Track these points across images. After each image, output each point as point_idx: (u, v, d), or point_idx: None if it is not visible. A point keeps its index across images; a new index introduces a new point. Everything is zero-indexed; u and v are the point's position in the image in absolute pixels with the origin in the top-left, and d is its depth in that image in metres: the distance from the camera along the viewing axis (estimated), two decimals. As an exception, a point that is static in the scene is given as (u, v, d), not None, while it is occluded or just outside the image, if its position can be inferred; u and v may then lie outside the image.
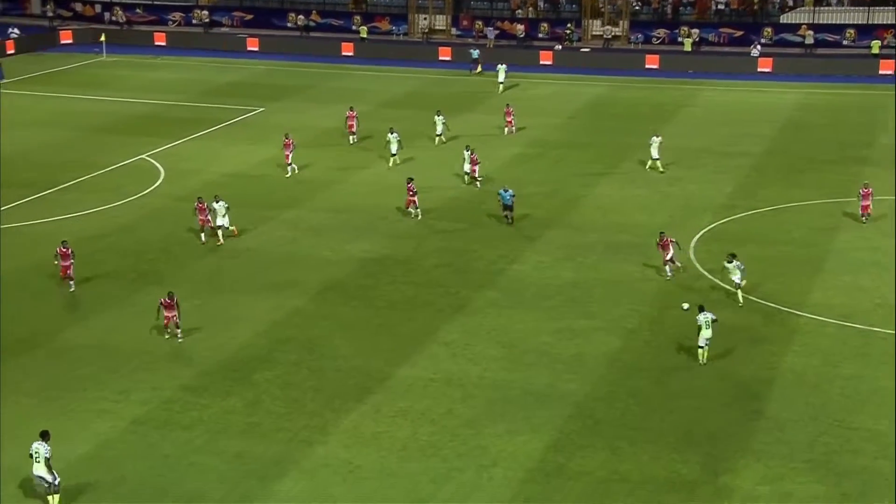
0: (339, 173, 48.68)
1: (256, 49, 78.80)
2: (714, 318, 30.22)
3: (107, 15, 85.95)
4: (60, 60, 73.72)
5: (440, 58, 76.11)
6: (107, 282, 35.70)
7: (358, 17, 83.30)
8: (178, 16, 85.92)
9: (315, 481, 24.92)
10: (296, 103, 63.10)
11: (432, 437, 26.84)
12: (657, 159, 48.23)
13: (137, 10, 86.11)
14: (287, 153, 47.91)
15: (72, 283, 35.05)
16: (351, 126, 53.01)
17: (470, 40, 79.54)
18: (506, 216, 41.59)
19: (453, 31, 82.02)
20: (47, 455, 23.63)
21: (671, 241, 36.25)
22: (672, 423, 27.33)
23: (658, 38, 78.43)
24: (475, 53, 72.27)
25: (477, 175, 46.19)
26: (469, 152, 46.50)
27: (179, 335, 31.55)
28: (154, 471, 25.08)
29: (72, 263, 34.95)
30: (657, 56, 73.77)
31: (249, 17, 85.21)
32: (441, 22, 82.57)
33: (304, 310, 34.31)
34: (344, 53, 77.63)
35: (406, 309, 34.47)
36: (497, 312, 34.07)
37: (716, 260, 36.57)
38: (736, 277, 33.95)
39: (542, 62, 74.16)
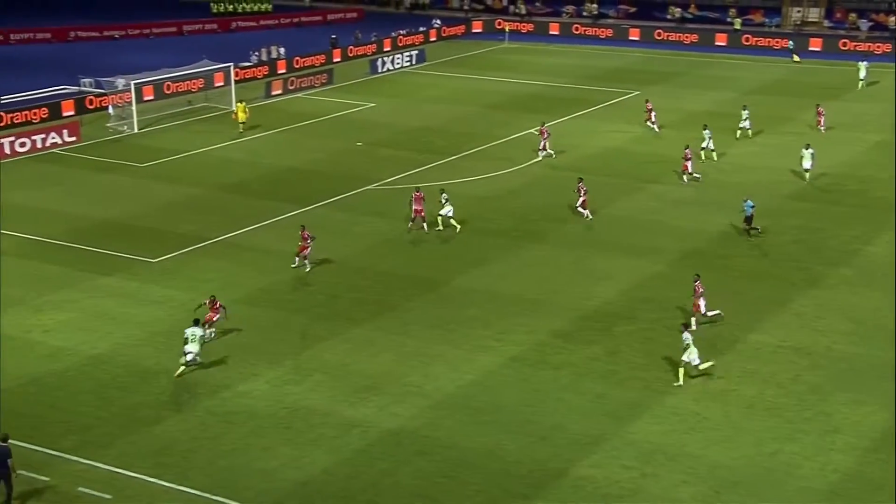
0: (704, 152, 47.24)
1: (637, 38, 77.83)
2: None
3: (511, 7, 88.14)
4: (471, 47, 76.54)
5: (810, 48, 71.66)
6: (495, 237, 36.80)
7: (733, 10, 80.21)
8: (570, 8, 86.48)
9: (665, 426, 24.46)
10: (668, 88, 61.79)
11: (778, 400, 25.52)
12: None
13: (537, 3, 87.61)
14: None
15: (306, 262, 33.16)
16: (649, 115, 50.92)
17: (842, 31, 74.31)
18: (748, 229, 36.16)
19: (826, 23, 76.92)
20: (202, 335, 26.65)
21: None
22: None
23: None
24: (791, 44, 69.95)
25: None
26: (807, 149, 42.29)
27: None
28: (525, 401, 25.63)
29: (309, 246, 33.00)
30: None
31: (633, 9, 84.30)
32: (815, 14, 77.82)
33: (664, 274, 33.69)
34: (717, 43, 74.94)
35: (759, 279, 32.94)
36: (849, 290, 31.78)
37: None
38: None
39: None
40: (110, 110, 53.33)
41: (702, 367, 26.43)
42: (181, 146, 48.39)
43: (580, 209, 38.31)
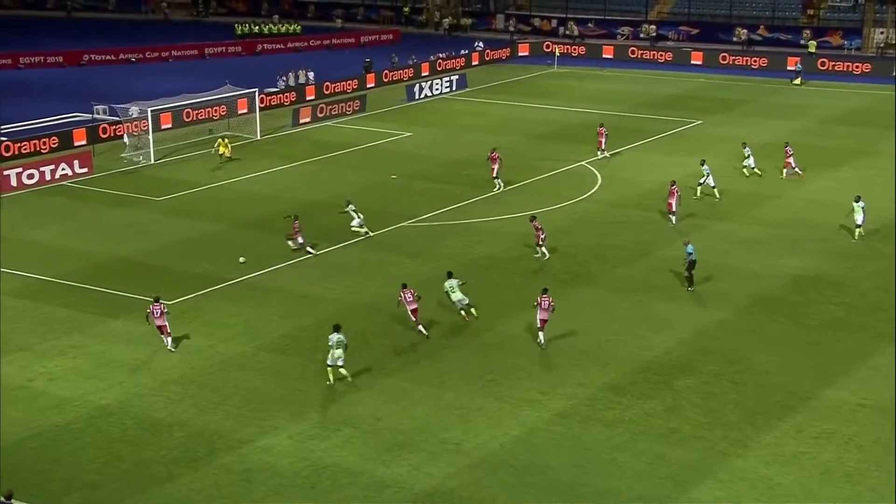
0: (775, 187, 47.00)
1: (700, 63, 77.86)
2: None
3: (561, 29, 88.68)
4: (516, 71, 76.99)
5: (894, 73, 71.24)
6: (541, 279, 36.72)
7: (807, 32, 80.00)
8: (626, 30, 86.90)
9: (731, 492, 24.13)
10: (734, 117, 61.66)
11: (859, 465, 25.11)
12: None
13: (589, 25, 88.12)
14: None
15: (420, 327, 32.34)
16: (788, 162, 49.45)
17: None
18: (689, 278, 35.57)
19: (914, 45, 76.69)
20: (345, 342, 28.74)
21: None
22: None
23: None
24: (799, 66, 71.37)
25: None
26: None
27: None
28: (574, 462, 25.43)
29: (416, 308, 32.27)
30: None
31: (696, 31, 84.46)
32: (897, 36, 77.60)
33: (729, 322, 33.40)
34: (789, 68, 74.75)
35: (837, 329, 32.55)
36: (938, 342, 31.29)
37: None
38: None
39: None
40: (125, 139, 54.11)
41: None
42: (200, 179, 48.98)
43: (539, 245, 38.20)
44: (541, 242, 38.40)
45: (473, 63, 78.09)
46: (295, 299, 35.13)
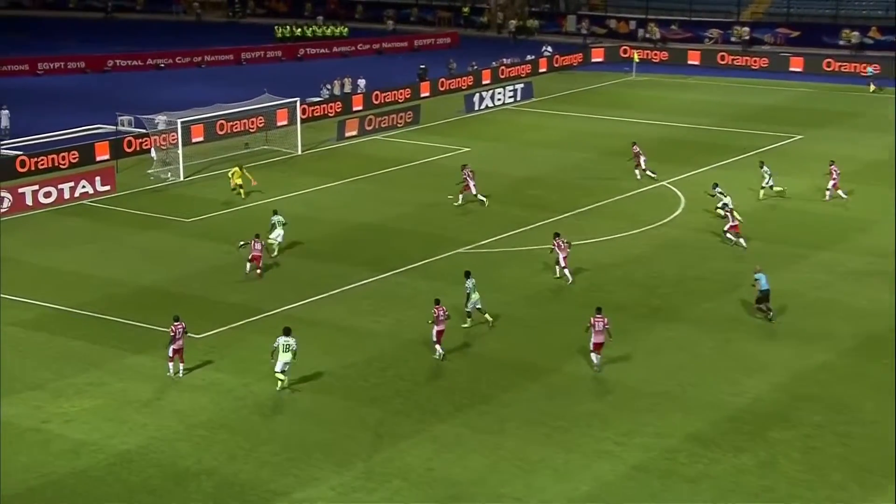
0: (879, 211, 46.53)
1: (800, 70, 77.35)
2: None
3: (640, 32, 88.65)
4: (589, 79, 77.06)
5: None
6: (616, 314, 36.51)
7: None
8: (715, 32, 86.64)
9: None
10: (841, 131, 61.11)
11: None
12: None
13: (672, 27, 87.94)
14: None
15: None
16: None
17: None
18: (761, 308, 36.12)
19: None
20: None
21: None
22: None
23: None
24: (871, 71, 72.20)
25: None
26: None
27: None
28: (653, 523, 25.25)
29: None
30: None
31: (796, 34, 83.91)
32: None
33: (833, 365, 32.99)
34: (862, 74, 73.88)
35: (958, 375, 32.01)
36: None
37: None
38: None
39: None
40: (152, 154, 54.91)
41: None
42: (234, 198, 49.50)
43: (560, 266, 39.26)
44: (563, 263, 38.71)
45: (541, 70, 78.37)
46: (340, 333, 35.32)
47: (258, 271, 39.92)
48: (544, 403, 30.76)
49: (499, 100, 69.49)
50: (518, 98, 70.35)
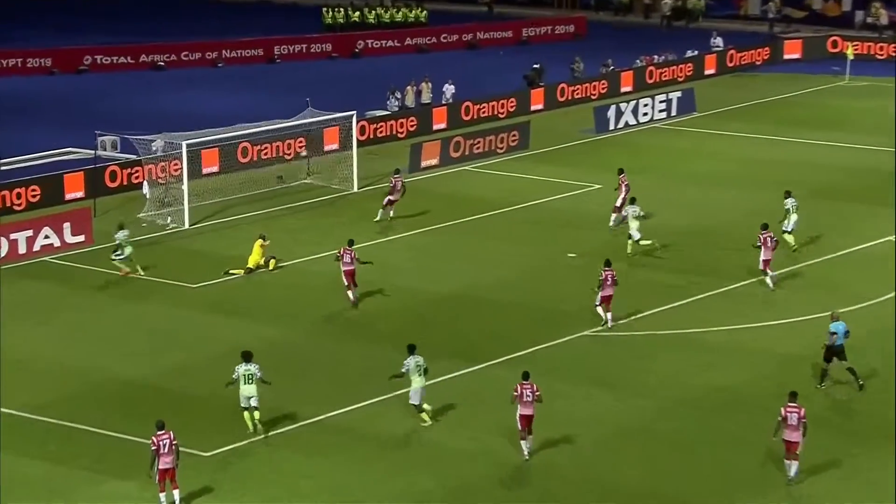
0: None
1: None
2: None
3: (858, 15, 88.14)
4: (779, 84, 76.87)
5: None
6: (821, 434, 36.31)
7: None
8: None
9: None
10: None
11: None
12: None
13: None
14: None
15: None
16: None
17: None
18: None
19: None
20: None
21: None
22: None
23: None
24: None
25: None
26: None
27: None
28: None
29: None
30: None
31: None
32: None
33: None
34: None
35: None
36: None
37: None
38: None
39: None
40: (145, 191, 55.37)
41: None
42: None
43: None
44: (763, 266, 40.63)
45: (707, 71, 78.57)
46: (407, 452, 35.38)
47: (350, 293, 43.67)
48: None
49: (645, 115, 69.63)
50: (673, 112, 70.49)
